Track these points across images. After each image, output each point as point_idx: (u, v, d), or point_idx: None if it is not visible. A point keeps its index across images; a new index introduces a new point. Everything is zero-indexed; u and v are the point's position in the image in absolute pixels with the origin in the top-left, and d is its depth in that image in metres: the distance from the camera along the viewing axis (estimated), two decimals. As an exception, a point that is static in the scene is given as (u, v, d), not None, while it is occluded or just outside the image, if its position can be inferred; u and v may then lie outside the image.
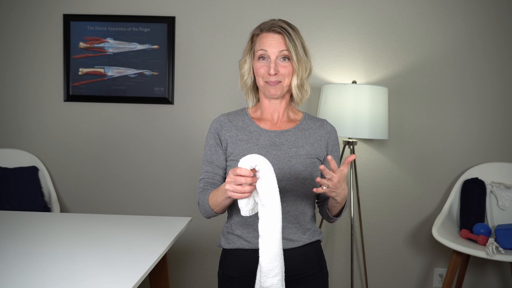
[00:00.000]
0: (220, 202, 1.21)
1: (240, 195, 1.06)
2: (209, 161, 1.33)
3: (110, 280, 1.16)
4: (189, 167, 2.70)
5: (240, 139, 1.31)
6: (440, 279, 2.66)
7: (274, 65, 1.25)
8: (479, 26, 2.58)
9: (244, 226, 1.29)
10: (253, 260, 1.25)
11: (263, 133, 1.31)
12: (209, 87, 2.68)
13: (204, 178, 1.34)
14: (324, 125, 1.37)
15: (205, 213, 1.31)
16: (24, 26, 2.68)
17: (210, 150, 1.34)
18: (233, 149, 1.30)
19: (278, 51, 1.26)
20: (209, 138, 1.35)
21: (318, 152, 1.32)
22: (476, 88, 2.61)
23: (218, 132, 1.33)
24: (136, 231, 1.66)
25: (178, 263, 2.72)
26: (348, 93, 2.29)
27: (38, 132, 2.72)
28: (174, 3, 2.64)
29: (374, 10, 2.61)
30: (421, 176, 2.65)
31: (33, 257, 1.33)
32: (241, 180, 1.04)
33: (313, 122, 1.37)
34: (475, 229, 2.30)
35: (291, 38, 1.26)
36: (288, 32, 1.26)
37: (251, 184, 1.05)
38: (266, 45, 1.26)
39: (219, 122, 1.35)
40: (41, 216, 1.89)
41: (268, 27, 1.28)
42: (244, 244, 1.29)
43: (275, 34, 1.26)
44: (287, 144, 1.30)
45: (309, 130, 1.34)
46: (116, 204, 2.73)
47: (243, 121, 1.35)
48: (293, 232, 1.29)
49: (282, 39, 1.26)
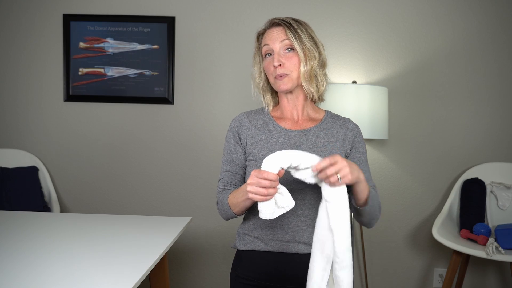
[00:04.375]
0: (239, 203, 1.18)
1: (263, 197, 1.02)
2: (229, 160, 1.30)
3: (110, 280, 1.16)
4: (189, 167, 2.70)
5: (259, 139, 1.28)
6: (440, 279, 2.66)
7: (277, 56, 1.23)
8: (479, 26, 2.58)
9: (262, 228, 1.25)
10: (269, 262, 1.24)
11: (283, 132, 1.28)
12: (209, 87, 2.68)
13: (224, 178, 1.30)
14: (346, 123, 1.32)
15: (224, 213, 1.27)
16: (24, 26, 2.68)
17: (230, 149, 1.31)
18: (252, 148, 1.27)
19: (280, 42, 1.23)
20: (229, 137, 1.32)
21: (340, 153, 1.27)
22: (476, 88, 2.61)
23: (237, 131, 1.31)
24: (136, 231, 1.66)
25: (178, 263, 2.72)
26: (348, 93, 2.29)
27: (38, 132, 2.72)
28: (174, 3, 2.64)
29: (374, 10, 2.61)
30: (421, 176, 2.65)
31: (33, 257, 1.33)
32: (266, 183, 1.00)
33: (334, 121, 1.32)
34: (475, 229, 2.30)
35: (292, 27, 1.23)
36: (289, 23, 1.23)
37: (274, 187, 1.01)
38: (268, 39, 1.25)
39: (239, 120, 1.32)
40: (41, 216, 1.89)
41: (270, 23, 1.27)
42: (261, 246, 1.25)
43: (276, 27, 1.25)
44: (307, 144, 1.25)
45: (330, 129, 1.29)
46: (116, 204, 2.73)
47: (263, 120, 1.32)
48: (312, 237, 1.18)
49: (282, 30, 1.23)
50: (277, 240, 1.23)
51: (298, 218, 1.22)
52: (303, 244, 1.23)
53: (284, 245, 1.23)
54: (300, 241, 1.23)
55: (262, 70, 1.31)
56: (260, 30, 1.31)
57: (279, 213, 1.05)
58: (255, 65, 1.32)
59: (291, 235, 1.22)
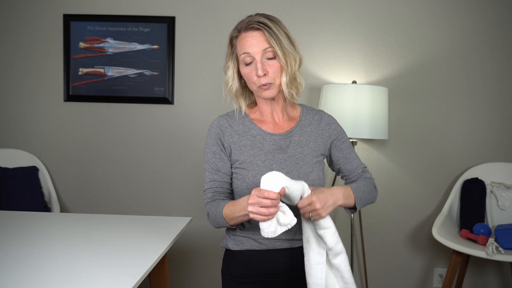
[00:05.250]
0: (236, 217, 1.15)
1: (264, 217, 1.01)
2: (214, 169, 1.26)
3: (110, 280, 1.16)
4: (189, 167, 2.70)
5: (244, 145, 1.25)
6: (440, 279, 2.66)
7: (261, 65, 1.17)
8: (478, 27, 2.58)
9: (255, 228, 1.24)
10: (264, 260, 1.24)
11: (267, 137, 1.26)
12: (209, 87, 2.67)
13: (211, 188, 1.26)
14: (322, 117, 1.33)
15: (216, 224, 1.23)
16: (24, 26, 2.68)
17: (214, 157, 1.26)
18: (238, 156, 1.25)
19: (262, 50, 1.17)
20: (211, 145, 1.27)
21: (321, 148, 1.30)
22: (476, 88, 2.61)
23: (220, 138, 1.27)
24: (136, 231, 1.66)
25: (178, 263, 2.72)
26: (348, 93, 2.29)
27: (38, 132, 2.72)
28: (174, 3, 2.64)
29: (375, 10, 2.61)
30: (421, 176, 2.65)
31: (33, 257, 1.32)
32: (267, 203, 0.99)
33: (311, 116, 1.33)
34: (475, 229, 2.30)
35: (272, 31, 1.16)
36: (267, 26, 1.16)
37: (276, 205, 1.00)
38: (247, 47, 1.18)
39: (219, 126, 1.28)
40: (41, 216, 1.89)
41: (245, 26, 1.19)
42: (255, 245, 1.25)
43: (254, 32, 1.17)
44: (292, 146, 1.26)
45: (309, 126, 1.30)
46: (116, 204, 2.73)
47: (243, 124, 1.28)
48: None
49: (262, 36, 1.16)
50: (270, 238, 1.23)
51: None
52: (296, 240, 1.26)
53: (278, 242, 1.25)
54: (294, 238, 1.26)
55: (235, 74, 1.26)
56: (233, 33, 1.23)
57: (281, 231, 1.05)
58: (228, 69, 1.26)
59: (284, 233, 1.23)
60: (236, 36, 1.22)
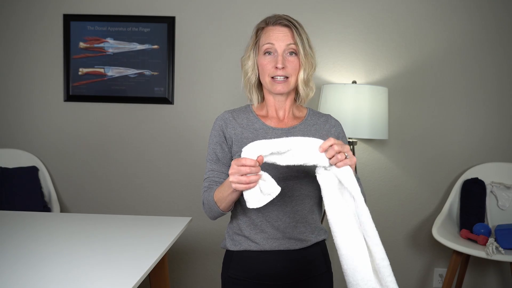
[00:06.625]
0: (225, 197, 1.15)
1: (246, 186, 1.01)
2: (214, 159, 1.28)
3: (110, 280, 1.16)
4: (189, 167, 2.70)
5: (245, 137, 1.26)
6: (440, 279, 2.66)
7: (281, 58, 1.21)
8: (478, 27, 2.58)
9: (251, 227, 1.25)
10: (261, 261, 1.24)
11: (269, 131, 1.27)
12: (209, 87, 2.68)
13: (209, 177, 1.28)
14: (328, 120, 1.34)
15: (210, 212, 1.25)
16: (24, 26, 2.68)
17: (215, 147, 1.28)
18: (239, 147, 1.26)
19: (286, 45, 1.22)
20: (214, 136, 1.29)
21: None
22: (476, 88, 2.61)
23: (222, 130, 1.28)
24: (136, 231, 1.66)
25: (178, 263, 2.72)
26: (348, 93, 2.29)
27: (38, 132, 2.72)
28: (174, 3, 2.64)
29: (375, 10, 2.61)
30: (421, 176, 2.65)
31: (33, 257, 1.33)
32: (246, 170, 1.00)
33: (317, 118, 1.33)
34: (475, 229, 2.30)
35: (299, 32, 1.22)
36: (295, 26, 1.23)
37: (256, 173, 1.00)
38: (273, 38, 1.22)
39: (223, 119, 1.30)
40: (41, 216, 1.89)
41: (274, 20, 1.24)
42: (252, 246, 1.25)
43: (282, 27, 1.23)
44: None
45: (314, 126, 1.30)
46: (116, 204, 2.73)
47: (248, 118, 1.30)
48: (302, 232, 1.25)
49: (289, 32, 1.22)
50: (268, 238, 1.23)
51: (287, 215, 1.23)
52: (294, 240, 1.25)
53: (275, 243, 1.24)
54: (291, 237, 1.24)
55: (256, 65, 1.28)
56: (260, 24, 1.27)
57: (265, 201, 1.04)
58: (249, 59, 1.28)
59: (281, 232, 1.23)
60: (263, 28, 1.26)
